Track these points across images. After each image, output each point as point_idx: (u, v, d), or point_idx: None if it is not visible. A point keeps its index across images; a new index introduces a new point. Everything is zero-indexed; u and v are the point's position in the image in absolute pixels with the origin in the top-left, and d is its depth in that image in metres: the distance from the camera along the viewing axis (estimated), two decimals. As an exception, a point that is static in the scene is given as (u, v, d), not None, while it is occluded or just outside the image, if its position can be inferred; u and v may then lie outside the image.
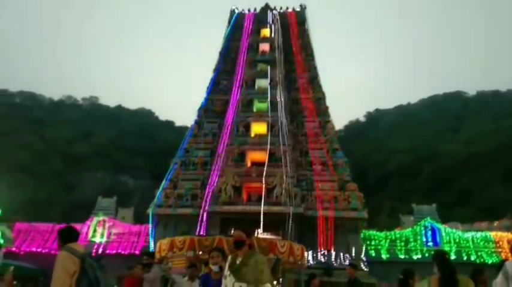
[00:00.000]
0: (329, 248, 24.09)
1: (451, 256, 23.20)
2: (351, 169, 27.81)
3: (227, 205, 24.49)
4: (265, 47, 33.85)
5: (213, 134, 29.79)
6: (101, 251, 26.87)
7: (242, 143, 27.40)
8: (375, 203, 41.51)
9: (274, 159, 26.21)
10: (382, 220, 41.43)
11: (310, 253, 23.37)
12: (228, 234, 16.25)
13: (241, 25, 37.70)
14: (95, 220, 28.64)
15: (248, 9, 39.99)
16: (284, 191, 24.39)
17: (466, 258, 25.75)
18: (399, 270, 6.86)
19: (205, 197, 25.73)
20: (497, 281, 4.71)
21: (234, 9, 40.06)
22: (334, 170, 27.08)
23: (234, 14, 39.56)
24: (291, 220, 22.86)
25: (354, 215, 24.97)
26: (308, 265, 20.95)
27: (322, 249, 24.06)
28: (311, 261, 23.00)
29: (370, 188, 43.03)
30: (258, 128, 28.31)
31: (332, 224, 24.55)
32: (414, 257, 25.89)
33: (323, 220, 24.64)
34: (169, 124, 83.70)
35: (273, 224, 23.03)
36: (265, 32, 35.70)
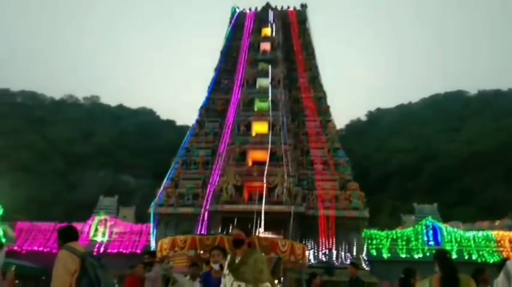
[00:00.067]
0: (330, 247, 24.10)
1: (453, 255, 23.17)
2: (352, 168, 27.79)
3: (228, 204, 24.49)
4: (266, 46, 33.86)
5: (214, 133, 29.80)
6: (102, 250, 26.94)
7: (243, 143, 27.41)
8: (376, 202, 41.51)
9: (275, 158, 26.21)
10: (383, 219, 41.46)
11: (311, 252, 23.43)
12: (229, 233, 16.27)
13: (242, 24, 37.70)
14: (97, 219, 28.72)
15: (249, 9, 40.01)
16: (285, 190, 24.39)
17: (467, 257, 25.76)
18: (400, 269, 6.86)
19: (207, 197, 25.74)
20: (498, 281, 4.70)
21: (235, 8, 40.08)
22: (335, 169, 27.07)
23: (235, 13, 39.59)
24: (292, 219, 22.87)
25: (355, 215, 24.96)
26: (309, 264, 20.98)
27: (324, 248, 24.08)
28: (312, 260, 23.03)
29: (371, 188, 43.01)
30: (259, 127, 28.31)
31: (333, 223, 24.53)
32: (415, 257, 25.89)
33: (324, 219, 24.64)
34: (171, 123, 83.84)
35: (274, 223, 23.04)
36: (266, 31, 35.69)
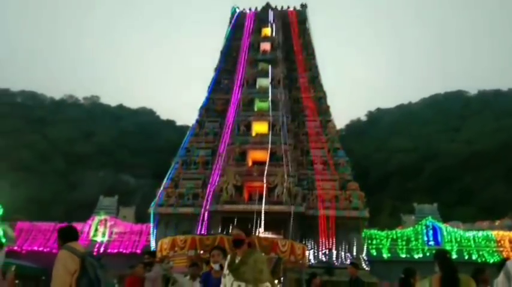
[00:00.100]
0: (330, 247, 24.10)
1: (453, 255, 23.17)
2: (352, 168, 27.79)
3: (228, 204, 24.49)
4: (266, 46, 33.86)
5: (214, 133, 29.80)
6: (102, 250, 26.94)
7: (243, 143, 27.41)
8: (376, 202, 41.50)
9: (275, 158, 26.21)
10: (383, 219, 41.45)
11: (311, 252, 23.43)
12: (229, 233, 16.28)
13: (242, 24, 37.69)
14: (97, 219, 28.72)
15: (249, 8, 40.01)
16: (285, 190, 24.39)
17: (467, 257, 25.76)
18: (400, 269, 6.86)
19: (207, 197, 25.74)
20: (498, 281, 4.70)
21: (235, 8, 40.07)
22: (335, 169, 27.07)
23: (235, 13, 39.59)
24: (292, 219, 22.87)
25: (355, 215, 24.96)
26: (309, 264, 20.99)
27: (324, 248, 24.08)
28: (312, 260, 23.03)
29: (371, 188, 43.00)
30: (259, 127, 28.32)
31: (333, 223, 24.53)
32: (415, 257, 25.89)
33: (324, 219, 24.64)
34: (171, 123, 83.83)
35: (274, 223, 23.05)
36: (266, 31, 35.69)
